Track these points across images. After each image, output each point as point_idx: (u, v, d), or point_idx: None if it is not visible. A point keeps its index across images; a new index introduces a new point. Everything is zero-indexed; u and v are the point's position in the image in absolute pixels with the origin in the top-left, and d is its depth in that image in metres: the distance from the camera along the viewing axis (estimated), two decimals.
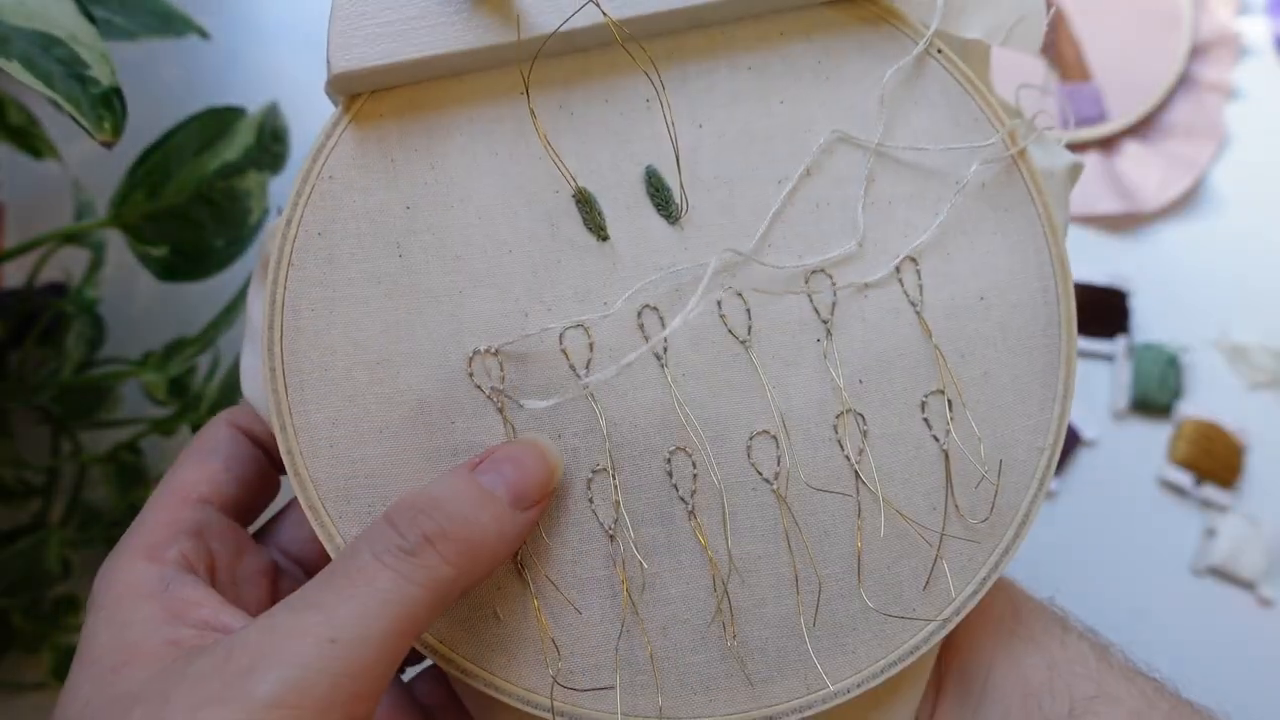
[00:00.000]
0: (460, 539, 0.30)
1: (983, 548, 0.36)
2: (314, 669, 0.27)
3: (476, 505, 0.31)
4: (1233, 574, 0.70)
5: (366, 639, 0.27)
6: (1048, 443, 0.36)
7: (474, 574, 0.30)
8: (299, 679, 0.26)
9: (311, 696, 0.26)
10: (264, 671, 0.27)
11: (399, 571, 0.29)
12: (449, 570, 0.29)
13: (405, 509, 0.30)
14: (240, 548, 0.36)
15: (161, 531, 0.33)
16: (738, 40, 0.37)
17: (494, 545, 0.31)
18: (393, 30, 0.34)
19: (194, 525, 0.34)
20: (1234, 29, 0.80)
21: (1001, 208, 0.37)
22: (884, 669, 0.35)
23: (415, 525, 0.30)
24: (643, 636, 0.34)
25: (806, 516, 0.35)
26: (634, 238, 0.35)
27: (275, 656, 0.27)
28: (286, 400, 0.34)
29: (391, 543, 0.29)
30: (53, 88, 0.38)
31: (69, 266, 0.66)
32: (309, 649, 0.27)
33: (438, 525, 0.30)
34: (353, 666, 0.27)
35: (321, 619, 0.28)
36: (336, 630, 0.27)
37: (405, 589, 0.28)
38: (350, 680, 0.27)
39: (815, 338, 0.36)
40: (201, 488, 0.35)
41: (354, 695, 0.27)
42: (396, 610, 0.28)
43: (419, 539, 0.29)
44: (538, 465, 0.32)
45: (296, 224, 0.35)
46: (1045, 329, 0.36)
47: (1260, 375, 0.74)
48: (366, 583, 0.28)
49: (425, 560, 0.29)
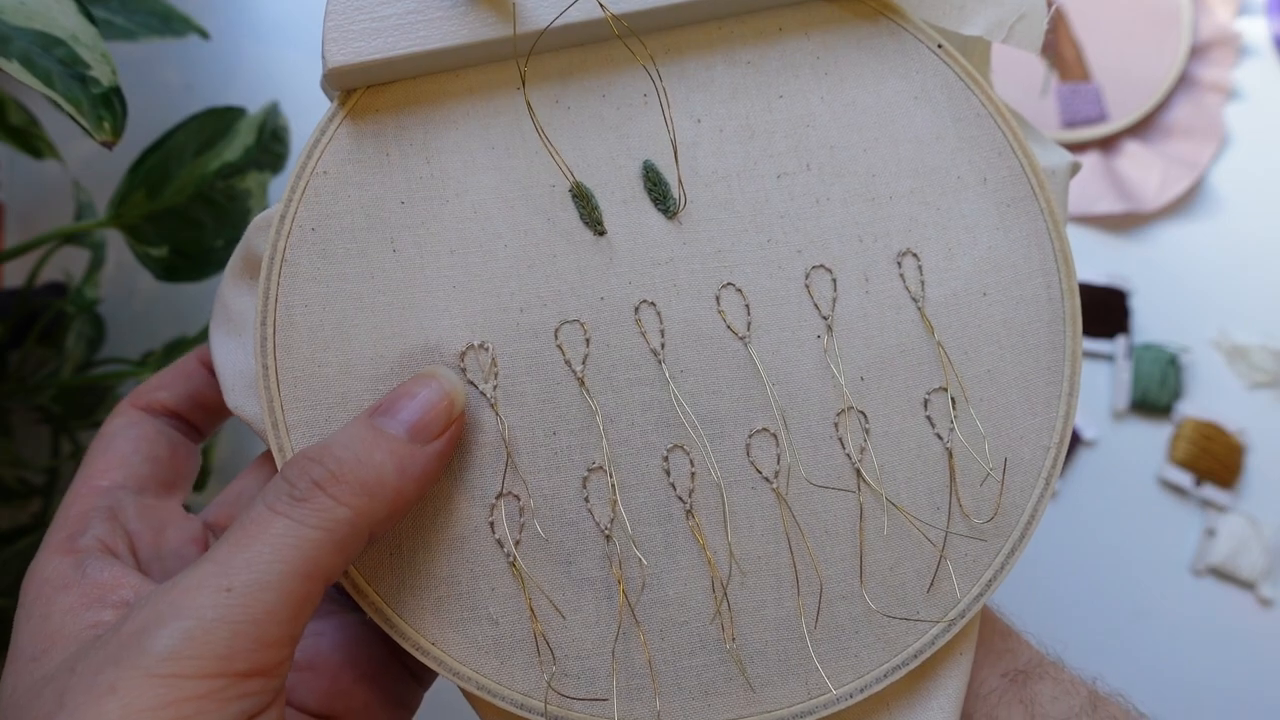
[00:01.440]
0: (351, 480, 0.30)
1: (988, 548, 0.35)
2: (210, 619, 0.27)
3: (368, 445, 0.31)
4: (1233, 574, 0.70)
5: (263, 584, 0.27)
6: (1054, 440, 0.36)
7: (375, 512, 0.30)
8: (195, 629, 0.26)
9: (210, 646, 0.26)
10: (159, 626, 0.27)
11: (291, 517, 0.29)
12: (343, 511, 0.29)
13: (298, 459, 0.31)
14: (163, 522, 0.36)
15: (75, 524, 0.34)
16: (736, 35, 0.37)
17: (394, 482, 0.31)
18: (388, 25, 0.34)
19: (107, 511, 0.34)
20: (1234, 29, 0.80)
21: (1003, 203, 0.37)
22: (887, 673, 0.34)
23: (305, 472, 0.30)
24: (640, 639, 0.34)
25: (807, 516, 0.35)
26: (631, 233, 0.35)
27: (169, 610, 0.27)
28: (279, 397, 0.34)
29: (283, 492, 0.30)
30: (53, 88, 0.38)
31: (69, 266, 0.66)
32: (204, 599, 0.27)
33: (326, 470, 0.30)
34: (252, 613, 0.27)
35: (216, 569, 0.28)
36: (231, 579, 0.27)
37: (299, 531, 0.29)
38: (251, 626, 0.27)
39: (816, 334, 0.35)
40: (111, 474, 0.35)
41: (258, 642, 0.27)
42: (291, 554, 0.28)
43: (308, 485, 0.30)
44: (433, 397, 0.32)
45: (291, 219, 0.34)
46: (1050, 325, 0.36)
47: (1260, 375, 0.74)
48: (260, 531, 0.29)
49: (317, 503, 0.29)
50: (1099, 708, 0.37)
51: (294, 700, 0.34)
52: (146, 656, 0.26)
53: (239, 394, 0.35)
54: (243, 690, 0.27)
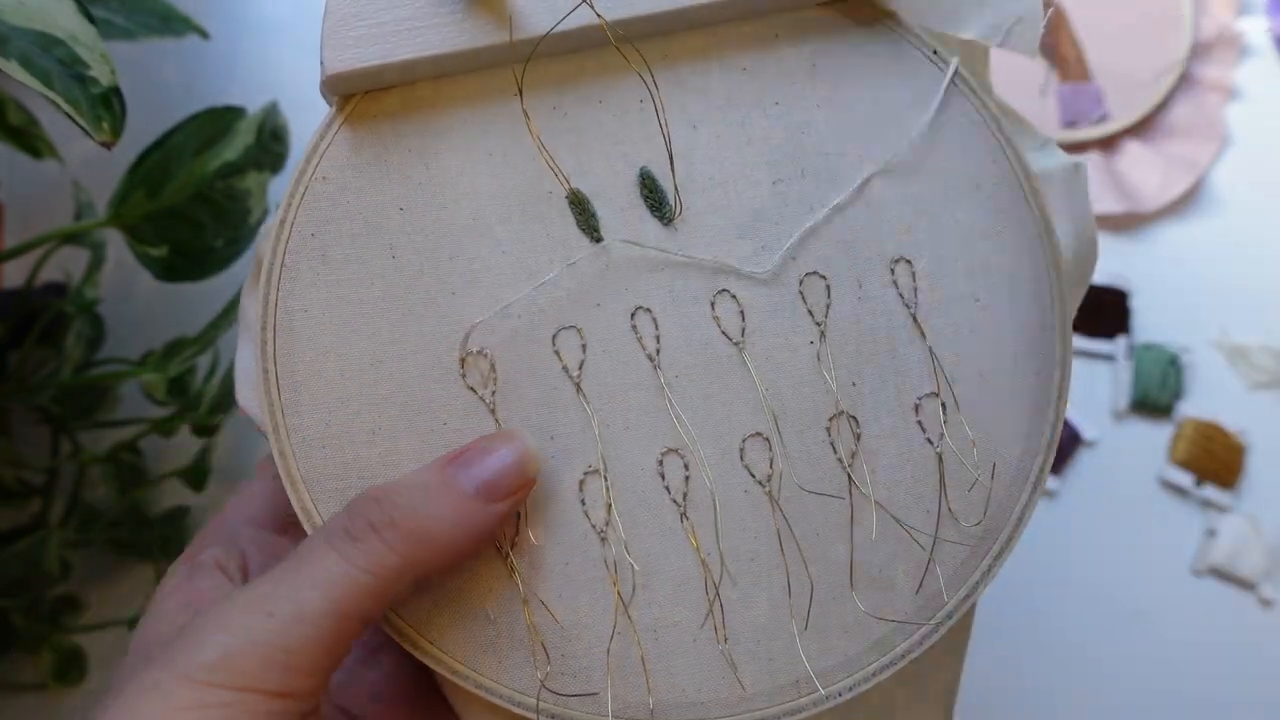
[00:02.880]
0: (408, 528, 0.31)
1: (976, 551, 0.36)
2: (249, 639, 0.28)
3: (432, 496, 0.31)
4: (1233, 574, 0.70)
5: (301, 615, 0.29)
6: (1042, 445, 0.36)
7: (427, 563, 0.31)
8: (233, 646, 0.28)
9: (245, 663, 0.28)
10: (207, 637, 0.29)
11: (341, 554, 0.30)
12: (394, 558, 0.30)
13: (362, 499, 0.32)
14: (274, 552, 0.38)
15: (199, 542, 0.38)
16: (732, 41, 0.37)
17: (449, 535, 0.31)
18: (386, 31, 0.34)
19: (229, 534, 0.38)
20: (1234, 29, 0.79)
21: (996, 209, 0.37)
22: (876, 672, 0.35)
23: (364, 513, 0.31)
24: (634, 638, 0.34)
25: (799, 519, 0.35)
26: (628, 239, 0.35)
27: (218, 624, 0.29)
28: (279, 402, 0.34)
29: (340, 527, 0.31)
30: (52, 88, 0.38)
31: (69, 266, 0.66)
32: (248, 619, 0.29)
33: (385, 514, 0.31)
34: (287, 640, 0.29)
35: (265, 592, 0.30)
36: (275, 605, 0.29)
37: (346, 571, 0.30)
38: (284, 654, 0.28)
39: (809, 339, 0.36)
40: (240, 512, 0.39)
41: (288, 668, 0.28)
42: (334, 591, 0.29)
43: (364, 526, 0.30)
44: (511, 459, 0.33)
45: (290, 225, 0.35)
46: (1041, 331, 0.36)
47: (1260, 375, 0.74)
48: (311, 563, 0.30)
49: (368, 545, 0.30)
50: None
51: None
52: (190, 663, 0.28)
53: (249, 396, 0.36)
54: (270, 708, 0.28)
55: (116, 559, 0.67)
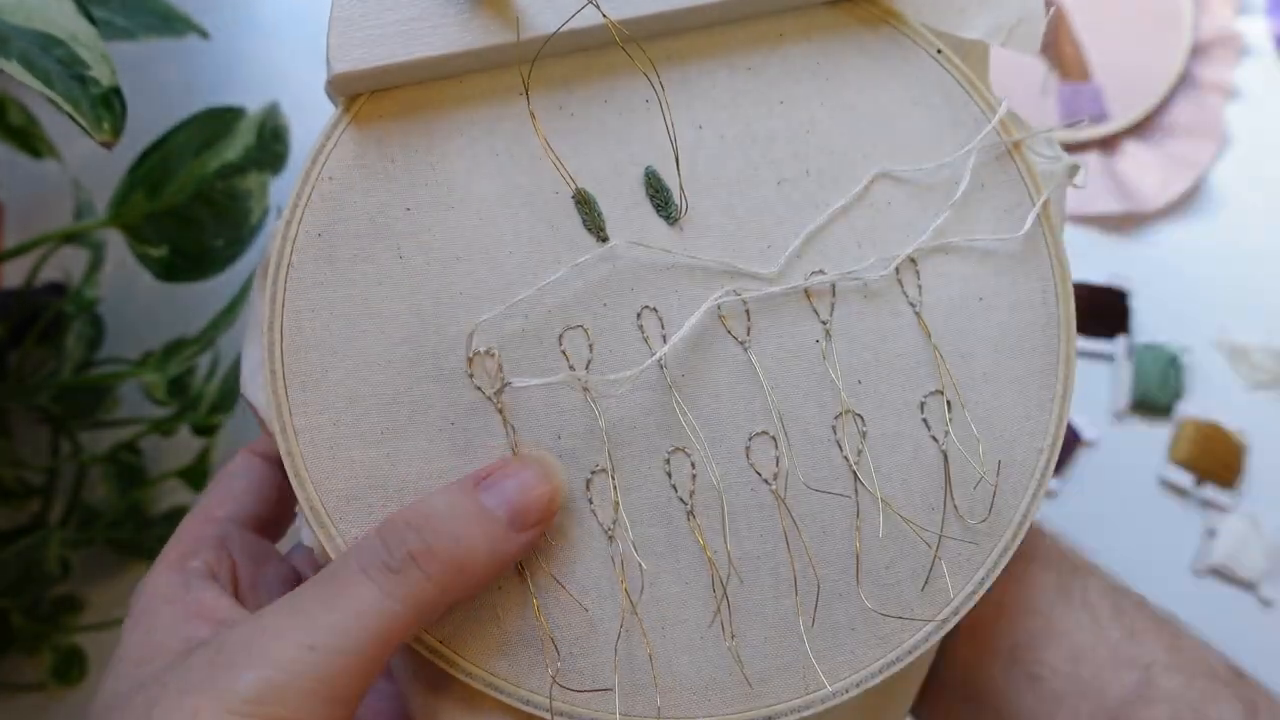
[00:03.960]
0: (446, 558, 0.30)
1: (981, 548, 0.36)
2: (291, 672, 0.28)
3: (469, 524, 0.31)
4: (1233, 574, 0.70)
5: (344, 649, 0.29)
6: (1046, 443, 0.36)
7: (461, 591, 0.31)
8: (275, 680, 0.28)
9: (285, 697, 0.28)
10: (245, 669, 0.28)
11: (381, 586, 0.30)
12: (432, 588, 0.30)
13: (397, 523, 0.31)
14: (262, 558, 0.38)
15: (187, 544, 0.36)
16: (737, 41, 0.37)
17: (484, 564, 0.31)
18: (393, 31, 0.34)
19: (217, 539, 0.36)
20: (1234, 29, 0.80)
21: (1001, 208, 0.37)
22: (882, 669, 0.35)
23: (403, 542, 0.30)
24: (641, 636, 0.34)
25: (805, 517, 0.35)
26: (634, 238, 0.35)
27: (258, 655, 0.28)
28: (287, 402, 0.34)
29: (378, 557, 0.30)
30: (52, 88, 0.38)
31: (69, 266, 0.66)
32: (289, 652, 0.28)
33: (424, 543, 0.30)
34: (329, 673, 0.28)
35: (303, 624, 0.29)
36: (316, 637, 0.28)
37: (386, 604, 0.29)
38: (326, 686, 0.28)
39: (814, 339, 0.36)
40: (226, 506, 0.38)
41: (329, 700, 0.28)
42: (375, 624, 0.29)
43: (404, 556, 0.30)
44: (541, 486, 0.32)
45: (296, 225, 0.35)
46: (1045, 329, 0.37)
47: (1260, 375, 0.74)
48: (349, 594, 0.29)
49: (408, 577, 0.30)
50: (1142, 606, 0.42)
51: None
52: (230, 694, 0.28)
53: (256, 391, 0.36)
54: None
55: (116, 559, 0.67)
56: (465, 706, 0.34)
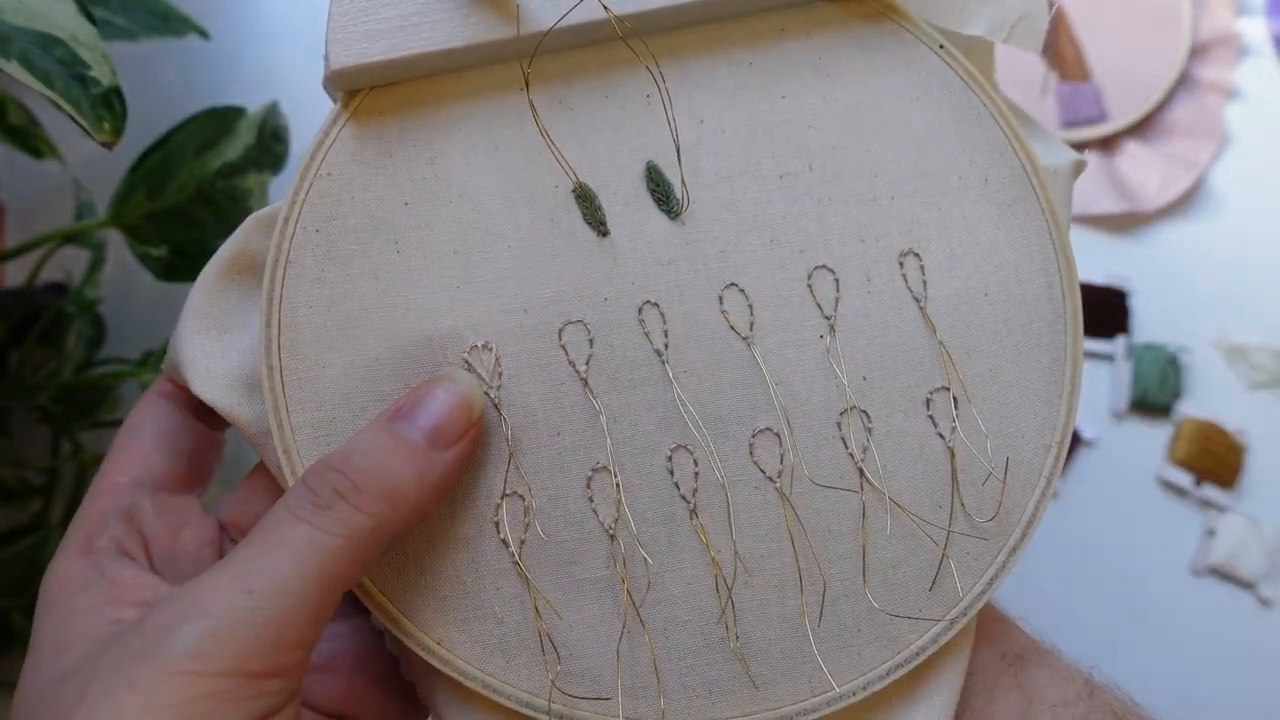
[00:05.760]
0: (373, 489, 0.30)
1: (990, 546, 0.35)
2: (231, 620, 0.27)
3: (389, 453, 0.31)
4: (1233, 574, 0.70)
5: (284, 590, 0.28)
6: (1054, 440, 0.36)
7: (396, 520, 0.31)
8: (216, 629, 0.27)
9: (230, 646, 0.27)
10: (182, 625, 0.27)
11: (313, 524, 0.29)
12: (364, 519, 0.30)
13: (319, 467, 0.31)
14: (178, 523, 0.35)
15: (93, 524, 0.34)
16: (738, 36, 0.37)
17: (414, 490, 0.31)
18: (392, 26, 0.34)
19: (123, 510, 0.34)
20: (1234, 29, 0.80)
21: (1005, 203, 0.37)
22: (890, 670, 0.35)
23: (327, 481, 0.30)
24: (644, 638, 0.34)
25: (810, 515, 0.35)
26: (634, 233, 0.35)
27: (193, 610, 0.28)
28: (284, 398, 0.34)
29: (305, 499, 0.30)
30: (53, 88, 0.38)
31: (69, 266, 0.66)
32: (225, 600, 0.28)
33: (348, 479, 0.30)
34: (271, 616, 0.28)
35: (238, 572, 0.28)
36: (253, 582, 0.28)
37: (321, 539, 0.29)
38: (270, 630, 0.28)
39: (818, 334, 0.35)
40: (130, 471, 0.35)
41: (276, 645, 0.28)
42: (312, 561, 0.29)
43: (330, 493, 0.30)
44: (452, 402, 0.32)
45: (294, 221, 0.34)
46: (1051, 325, 0.36)
47: (1260, 375, 0.74)
48: (281, 536, 0.29)
49: (338, 513, 0.30)
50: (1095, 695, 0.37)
51: (310, 701, 0.34)
52: (167, 654, 0.27)
53: (222, 391, 0.35)
54: (259, 690, 0.27)
55: None
56: (464, 706, 0.34)
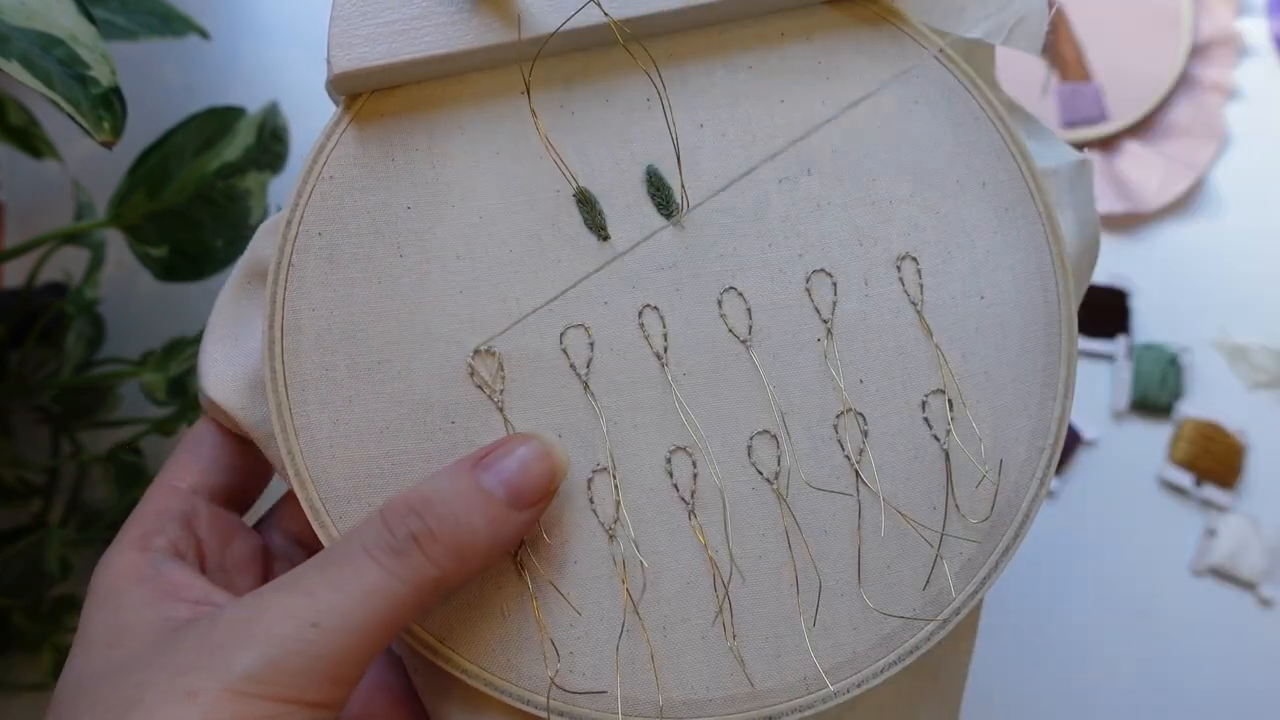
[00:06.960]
0: (449, 541, 0.30)
1: (983, 547, 0.36)
2: (292, 650, 0.28)
3: (470, 507, 0.31)
4: (1233, 574, 0.70)
5: (347, 628, 0.28)
6: (1048, 442, 0.36)
7: (463, 573, 0.31)
8: (277, 657, 0.28)
9: (287, 675, 0.28)
10: (245, 646, 0.28)
11: (385, 567, 0.30)
12: (434, 571, 0.30)
13: (399, 506, 0.31)
14: (229, 534, 0.37)
15: (151, 522, 0.35)
16: (738, 40, 0.37)
17: (486, 546, 0.31)
18: (394, 30, 0.34)
19: (182, 514, 0.35)
20: (1234, 29, 0.79)
21: (1002, 206, 0.37)
22: (884, 669, 0.35)
23: (405, 524, 0.30)
24: (643, 636, 0.34)
25: (807, 516, 0.35)
26: (634, 237, 0.35)
27: (258, 633, 0.28)
28: (287, 401, 0.34)
29: (382, 539, 0.30)
30: (52, 88, 0.38)
31: (69, 266, 0.66)
32: (290, 630, 0.28)
33: (427, 526, 0.30)
34: (331, 651, 0.28)
35: (306, 603, 0.29)
36: (319, 616, 0.28)
37: (390, 584, 0.29)
38: (327, 664, 0.28)
39: (816, 337, 0.36)
40: (189, 479, 0.36)
41: (330, 679, 0.28)
42: (379, 604, 0.29)
43: (407, 538, 0.30)
44: (540, 465, 0.32)
45: (297, 224, 0.35)
46: (1046, 328, 0.36)
47: (1260, 375, 0.74)
48: (353, 574, 0.29)
49: (412, 560, 0.30)
50: None
51: None
52: (229, 672, 0.27)
53: (231, 394, 0.35)
54: (308, 717, 0.28)
55: None
56: (466, 706, 0.34)
